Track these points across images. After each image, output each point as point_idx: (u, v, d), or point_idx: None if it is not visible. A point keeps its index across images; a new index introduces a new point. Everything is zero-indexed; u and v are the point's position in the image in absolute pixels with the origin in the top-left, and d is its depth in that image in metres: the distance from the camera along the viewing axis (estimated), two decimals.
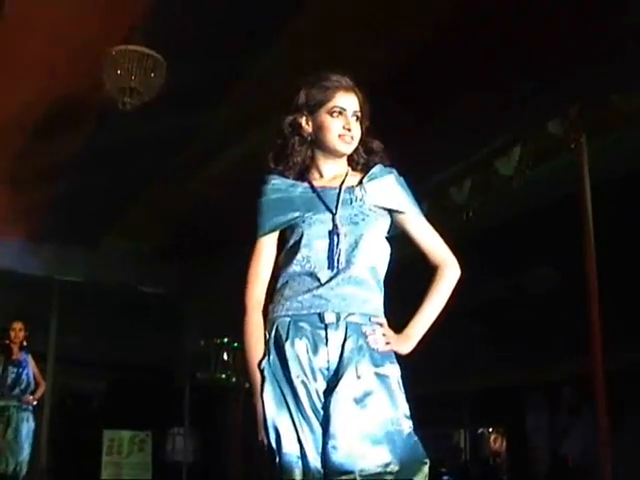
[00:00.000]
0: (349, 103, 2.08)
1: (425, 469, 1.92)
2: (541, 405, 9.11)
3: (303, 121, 2.09)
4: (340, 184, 2.08)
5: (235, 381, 9.57)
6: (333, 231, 2.01)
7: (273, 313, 2.02)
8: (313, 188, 2.08)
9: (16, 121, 5.50)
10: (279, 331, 1.98)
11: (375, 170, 2.11)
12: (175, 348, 9.49)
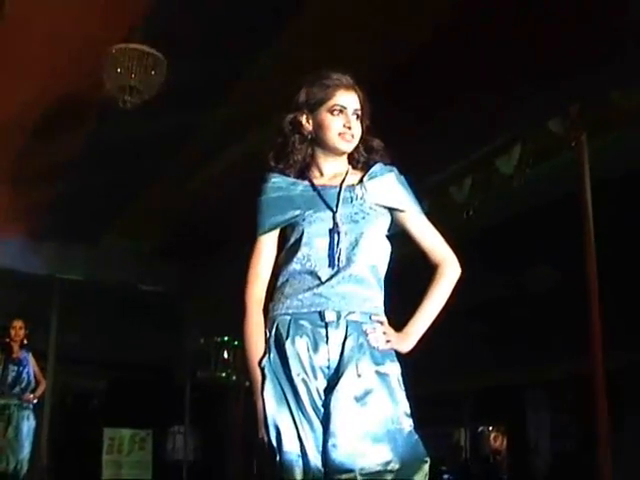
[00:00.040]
0: (349, 101, 2.08)
1: (425, 467, 1.92)
2: (541, 403, 9.12)
3: (303, 119, 2.09)
4: (340, 182, 2.09)
5: (235, 379, 9.56)
6: (334, 229, 2.01)
7: (273, 311, 2.03)
8: (313, 186, 2.08)
9: (16, 121, 5.49)
10: (279, 329, 1.99)
11: (375, 168, 2.11)
12: (175, 347, 9.49)
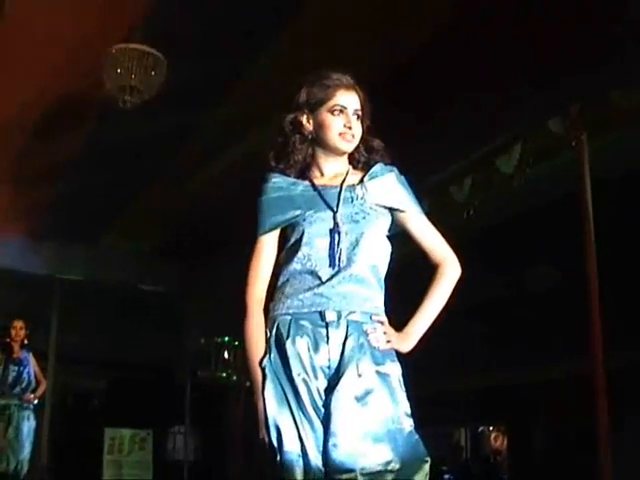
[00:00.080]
0: (350, 101, 2.08)
1: (426, 467, 1.92)
2: (541, 403, 9.12)
3: (304, 119, 2.09)
4: (341, 182, 2.09)
5: (236, 379, 9.57)
6: (334, 229, 2.01)
7: (274, 311, 2.03)
8: (314, 186, 2.08)
9: (16, 121, 5.49)
10: (280, 329, 1.99)
11: (376, 169, 2.11)
12: (176, 346, 9.49)
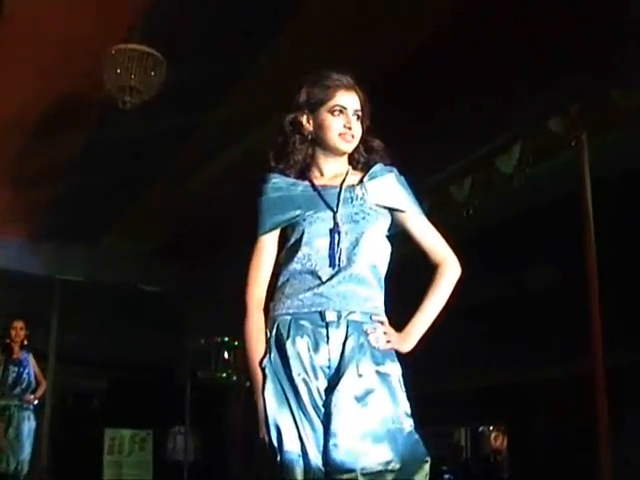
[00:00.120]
0: (350, 102, 2.08)
1: (426, 467, 1.92)
2: (541, 403, 9.12)
3: (304, 119, 2.09)
4: (341, 183, 2.09)
5: (236, 380, 9.55)
6: (334, 229, 2.01)
7: (274, 311, 2.03)
8: (314, 186, 2.08)
9: (16, 121, 5.49)
10: (280, 329, 1.99)
11: (376, 169, 2.11)
12: (175, 347, 9.48)
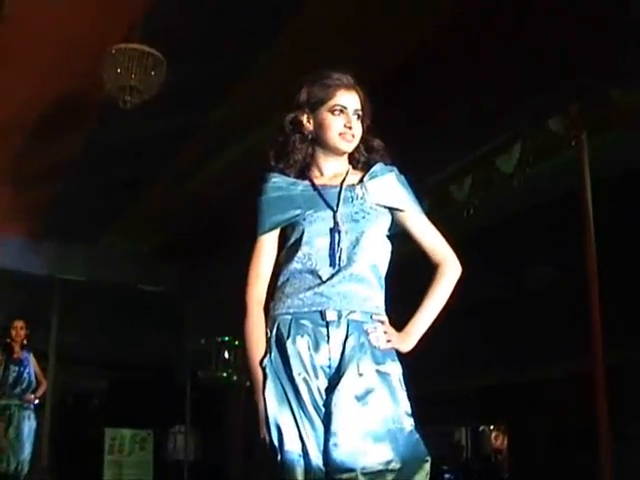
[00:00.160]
0: (350, 101, 2.08)
1: (426, 467, 1.92)
2: (541, 403, 9.12)
3: (304, 119, 2.09)
4: (341, 182, 2.09)
5: (236, 379, 9.55)
6: (334, 228, 2.01)
7: (274, 311, 2.03)
8: (314, 186, 2.08)
9: (16, 121, 5.50)
10: (280, 329, 1.99)
11: (376, 168, 2.11)
12: (176, 346, 9.48)
